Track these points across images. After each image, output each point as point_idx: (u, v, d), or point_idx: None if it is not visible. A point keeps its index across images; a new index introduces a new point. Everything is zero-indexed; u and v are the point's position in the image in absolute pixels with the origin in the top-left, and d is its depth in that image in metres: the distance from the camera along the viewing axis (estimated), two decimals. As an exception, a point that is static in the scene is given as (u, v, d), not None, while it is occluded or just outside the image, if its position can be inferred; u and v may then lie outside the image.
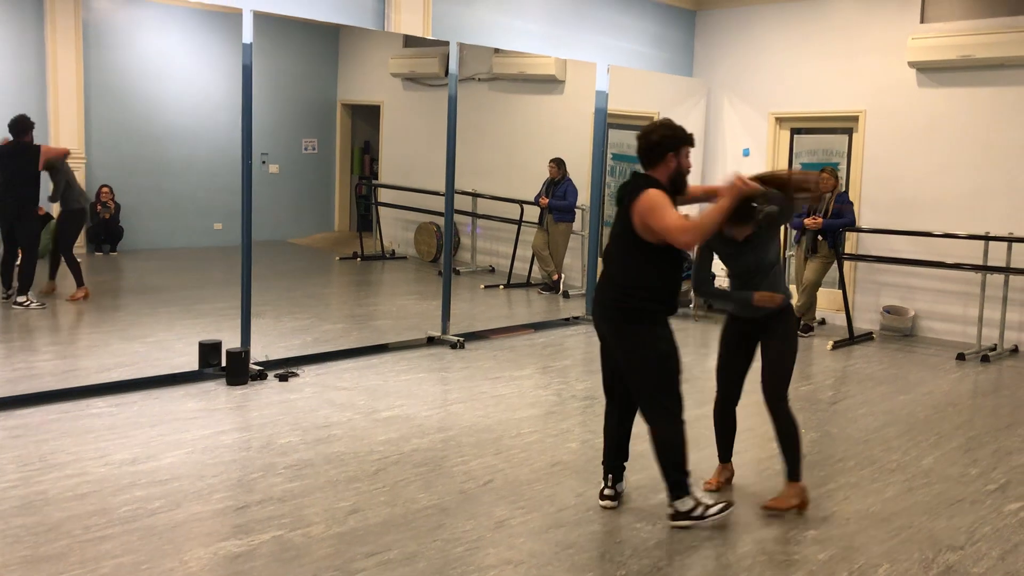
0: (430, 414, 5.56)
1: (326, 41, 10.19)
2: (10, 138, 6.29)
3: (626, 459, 4.29)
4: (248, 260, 6.40)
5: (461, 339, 7.49)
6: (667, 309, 4.01)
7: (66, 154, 6.75)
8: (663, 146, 3.97)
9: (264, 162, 8.53)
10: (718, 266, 4.54)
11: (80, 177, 8.82)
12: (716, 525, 3.95)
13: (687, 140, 4.02)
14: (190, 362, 6.13)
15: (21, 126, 6.30)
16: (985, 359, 7.69)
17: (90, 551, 3.54)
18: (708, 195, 4.32)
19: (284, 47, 9.52)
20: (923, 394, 6.52)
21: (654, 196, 3.85)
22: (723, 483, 4.53)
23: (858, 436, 5.45)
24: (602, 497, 4.22)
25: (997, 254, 7.92)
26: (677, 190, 4.02)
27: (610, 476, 4.23)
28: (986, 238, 7.91)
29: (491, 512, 4.08)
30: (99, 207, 9.01)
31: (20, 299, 6.49)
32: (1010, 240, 7.78)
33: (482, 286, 9.39)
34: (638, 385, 4.01)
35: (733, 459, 4.60)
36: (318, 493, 4.23)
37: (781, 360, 4.24)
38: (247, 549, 3.61)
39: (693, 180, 4.13)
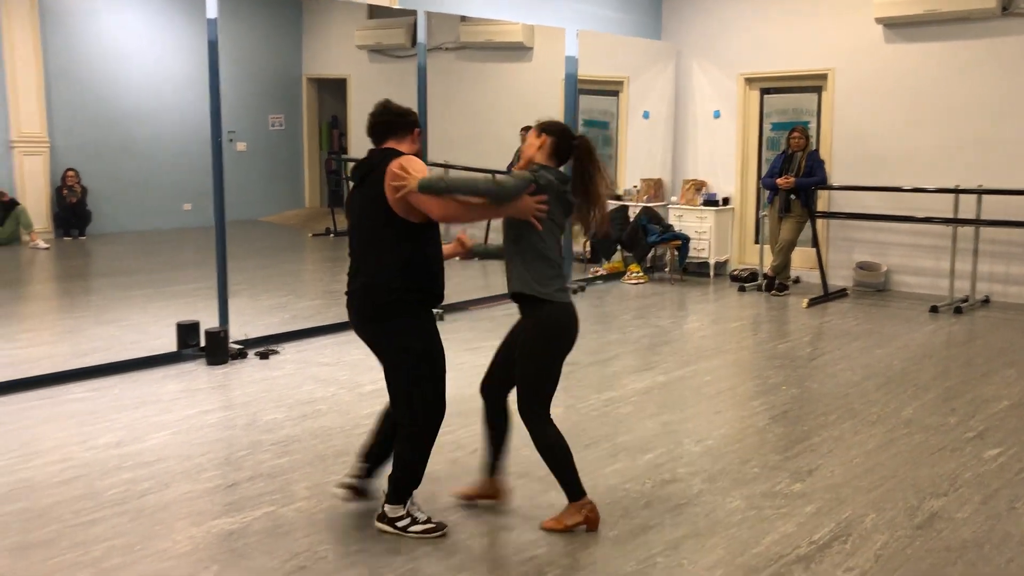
0: (413, 386, 5.55)
1: (290, 14, 10.04)
2: None
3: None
4: (222, 238, 6.32)
5: (440, 311, 7.47)
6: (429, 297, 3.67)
7: None
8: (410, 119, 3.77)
9: (231, 140, 8.43)
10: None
11: (44, 162, 8.68)
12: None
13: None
14: (167, 344, 6.07)
15: None
16: (958, 310, 7.80)
17: (81, 535, 3.51)
18: None
19: (246, 21, 9.38)
20: (899, 347, 6.61)
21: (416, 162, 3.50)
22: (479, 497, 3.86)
23: (838, 391, 5.52)
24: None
25: (967, 207, 8.00)
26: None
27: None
28: (956, 191, 7.99)
29: (481, 479, 4.09)
30: (65, 191, 8.86)
31: None
32: (979, 192, 7.87)
33: (457, 258, 9.36)
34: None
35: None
36: (307, 468, 4.22)
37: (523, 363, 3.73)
38: (240, 526, 3.60)
39: (664, 145, 4.05)
